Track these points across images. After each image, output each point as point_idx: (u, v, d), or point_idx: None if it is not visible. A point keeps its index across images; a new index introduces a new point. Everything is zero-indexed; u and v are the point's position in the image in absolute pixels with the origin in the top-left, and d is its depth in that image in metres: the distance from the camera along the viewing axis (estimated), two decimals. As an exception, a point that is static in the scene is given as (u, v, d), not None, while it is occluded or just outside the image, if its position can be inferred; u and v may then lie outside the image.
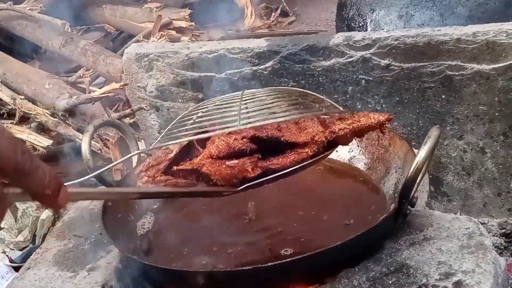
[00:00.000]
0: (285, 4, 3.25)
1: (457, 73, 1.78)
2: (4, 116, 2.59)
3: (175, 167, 1.21)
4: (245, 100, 1.23)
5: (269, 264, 1.14)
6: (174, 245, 1.38)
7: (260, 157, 1.20)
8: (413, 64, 1.81)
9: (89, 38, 2.84)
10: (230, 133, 1.20)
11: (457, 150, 1.87)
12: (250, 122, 1.15)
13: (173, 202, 1.54)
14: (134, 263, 1.32)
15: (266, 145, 1.21)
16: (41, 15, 2.79)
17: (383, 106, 1.88)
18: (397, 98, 1.86)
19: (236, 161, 1.17)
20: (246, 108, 1.20)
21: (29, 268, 1.48)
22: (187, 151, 1.28)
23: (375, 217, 1.25)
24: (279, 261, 1.15)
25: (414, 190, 1.21)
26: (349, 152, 1.59)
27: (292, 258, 1.15)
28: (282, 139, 1.21)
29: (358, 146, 1.58)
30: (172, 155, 1.27)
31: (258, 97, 1.24)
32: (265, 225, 1.38)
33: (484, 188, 1.89)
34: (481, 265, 1.19)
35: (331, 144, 1.22)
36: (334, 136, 1.21)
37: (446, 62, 1.78)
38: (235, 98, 1.26)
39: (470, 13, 2.03)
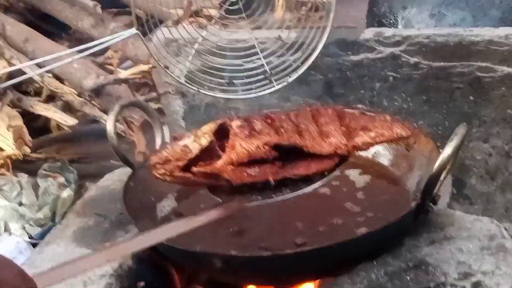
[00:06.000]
0: (316, -2, 3.23)
1: (486, 74, 1.76)
2: (31, 93, 2.61)
3: (194, 168, 1.25)
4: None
5: (287, 251, 1.14)
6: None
7: (281, 164, 1.30)
8: (442, 63, 1.79)
9: (120, 21, 2.84)
10: (251, 136, 1.26)
11: (482, 153, 1.85)
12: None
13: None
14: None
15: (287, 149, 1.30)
16: (73, -5, 2.80)
17: (410, 104, 1.86)
18: (424, 97, 1.85)
19: (257, 170, 1.28)
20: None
21: (48, 243, 1.49)
22: (206, 151, 1.30)
23: (396, 212, 1.24)
24: (298, 250, 1.15)
25: (437, 187, 1.20)
26: (373, 147, 1.58)
27: (311, 247, 1.15)
28: (305, 149, 1.30)
29: (383, 141, 1.57)
30: (192, 155, 1.28)
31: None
32: (283, 215, 1.37)
33: (507, 193, 1.87)
34: (501, 267, 1.18)
35: None
36: (356, 150, 1.35)
37: (476, 63, 1.76)
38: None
39: (503, 16, 2.00)
